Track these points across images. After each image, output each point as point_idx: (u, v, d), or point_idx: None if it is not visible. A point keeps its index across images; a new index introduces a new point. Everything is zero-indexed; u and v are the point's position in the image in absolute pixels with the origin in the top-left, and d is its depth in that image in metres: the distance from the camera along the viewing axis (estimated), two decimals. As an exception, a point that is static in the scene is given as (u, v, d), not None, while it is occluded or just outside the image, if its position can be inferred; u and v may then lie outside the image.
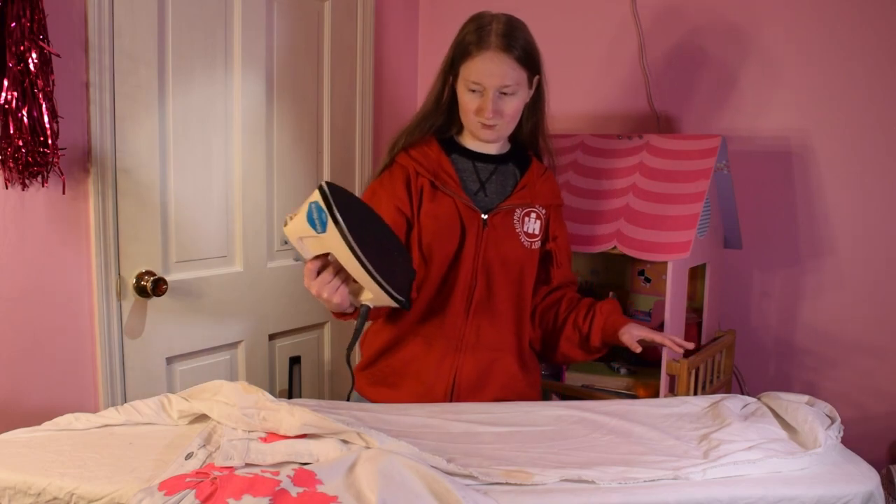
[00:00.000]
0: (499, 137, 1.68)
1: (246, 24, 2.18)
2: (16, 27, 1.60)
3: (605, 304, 1.73)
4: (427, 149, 1.68)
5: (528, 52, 1.60)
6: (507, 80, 1.58)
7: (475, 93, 1.60)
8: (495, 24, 1.58)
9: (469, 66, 1.58)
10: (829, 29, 2.03)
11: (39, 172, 1.72)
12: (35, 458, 1.30)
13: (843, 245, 2.06)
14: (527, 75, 1.61)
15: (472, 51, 1.57)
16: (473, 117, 1.63)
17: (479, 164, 1.70)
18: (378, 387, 1.72)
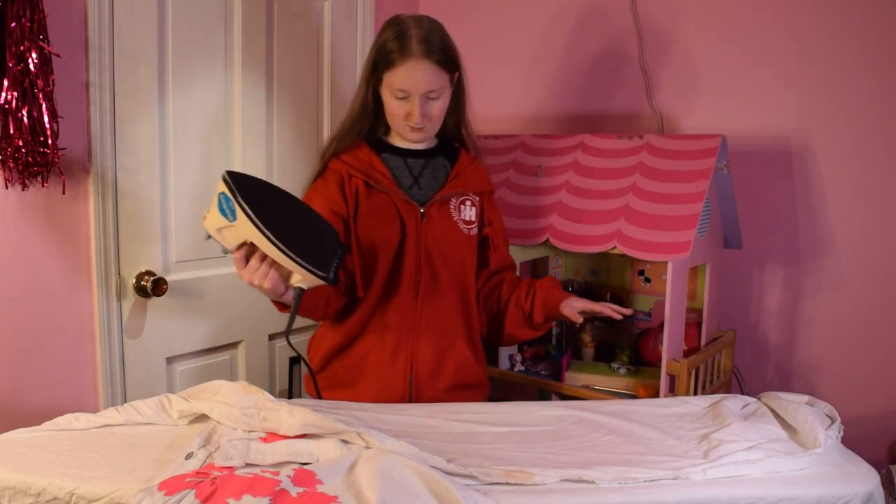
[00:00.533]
0: (426, 138, 1.74)
1: (246, 24, 2.18)
2: (16, 27, 1.60)
3: (545, 281, 1.78)
4: (357, 152, 1.72)
5: (448, 53, 1.65)
6: (432, 86, 1.62)
7: (402, 99, 1.64)
8: (414, 29, 1.61)
9: (393, 75, 1.62)
10: (829, 29, 2.03)
11: (39, 172, 1.72)
12: (35, 458, 1.30)
13: (843, 245, 2.06)
14: (448, 77, 1.66)
15: (394, 59, 1.61)
16: (401, 122, 1.67)
17: (410, 160, 1.75)
18: (332, 390, 1.74)
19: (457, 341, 1.75)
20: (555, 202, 2.04)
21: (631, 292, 2.25)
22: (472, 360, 1.78)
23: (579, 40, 2.45)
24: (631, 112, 2.37)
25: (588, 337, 2.15)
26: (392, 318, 1.69)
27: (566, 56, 2.48)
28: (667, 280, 1.82)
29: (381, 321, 1.70)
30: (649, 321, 2.21)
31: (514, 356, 2.13)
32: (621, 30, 2.36)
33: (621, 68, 2.37)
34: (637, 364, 2.07)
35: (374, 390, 1.69)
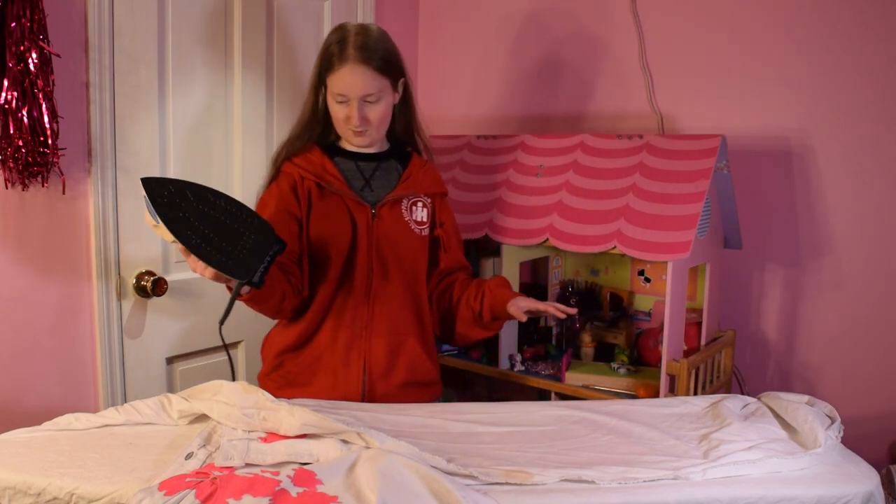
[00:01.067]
0: (371, 142, 1.76)
1: (246, 24, 2.18)
2: (16, 27, 1.60)
3: (494, 281, 1.83)
4: (310, 155, 1.76)
5: (388, 59, 1.69)
6: (369, 90, 1.66)
7: (342, 103, 1.69)
8: (353, 36, 1.66)
9: (333, 79, 1.67)
10: (828, 29, 2.03)
11: (39, 172, 1.72)
12: (35, 458, 1.30)
13: (843, 245, 2.06)
14: (389, 81, 1.70)
15: (334, 63, 1.66)
16: (344, 125, 1.72)
17: (362, 163, 1.78)
18: (286, 389, 1.75)
19: (409, 339, 1.77)
20: (555, 202, 2.04)
21: (631, 292, 2.25)
22: (424, 358, 1.80)
23: (579, 40, 2.45)
24: (631, 112, 2.37)
25: (588, 337, 2.15)
26: (345, 317, 1.72)
27: (566, 56, 2.48)
28: (667, 280, 1.82)
29: (335, 320, 1.72)
30: (649, 321, 2.21)
31: (513, 356, 2.13)
32: (621, 30, 2.36)
33: (621, 68, 2.37)
34: (637, 364, 2.07)
35: (328, 388, 1.71)
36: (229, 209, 1.39)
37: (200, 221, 1.35)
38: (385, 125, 1.75)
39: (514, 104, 2.61)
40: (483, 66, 2.67)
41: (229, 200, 1.40)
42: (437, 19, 2.77)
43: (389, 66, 1.69)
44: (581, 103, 2.47)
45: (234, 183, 2.21)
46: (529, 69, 2.57)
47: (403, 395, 1.73)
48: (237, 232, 1.39)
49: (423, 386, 1.81)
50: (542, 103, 2.55)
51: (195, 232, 1.35)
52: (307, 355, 1.74)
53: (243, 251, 1.39)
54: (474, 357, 2.22)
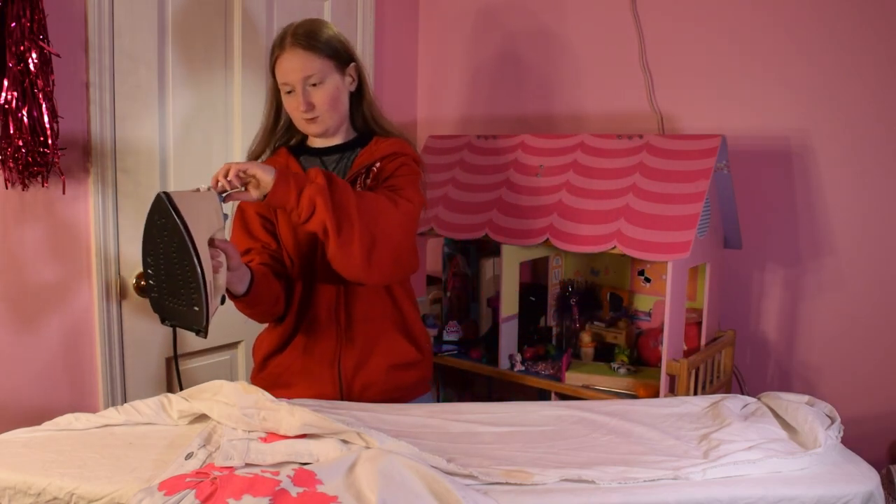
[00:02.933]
0: (325, 128, 1.71)
1: (246, 23, 2.18)
2: (16, 27, 1.60)
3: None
4: (275, 157, 1.75)
5: (327, 42, 1.67)
6: (308, 72, 1.64)
7: (290, 94, 1.67)
8: (292, 27, 1.67)
9: (277, 71, 1.67)
10: (829, 29, 2.03)
11: (39, 172, 1.72)
12: (35, 458, 1.30)
13: (843, 245, 2.06)
14: (332, 63, 1.67)
15: (275, 53, 1.67)
16: (298, 117, 1.70)
17: (326, 157, 1.76)
18: (272, 390, 1.73)
19: (385, 324, 1.75)
20: (555, 202, 2.04)
21: (631, 292, 2.25)
22: (401, 341, 1.76)
23: (579, 40, 2.45)
24: (631, 112, 2.37)
25: (588, 337, 2.15)
26: (318, 313, 1.71)
27: (566, 56, 2.48)
28: (667, 280, 1.82)
29: (309, 318, 1.72)
30: (649, 321, 2.21)
31: (513, 356, 2.13)
32: (621, 30, 2.36)
33: (621, 68, 2.37)
34: (637, 364, 2.07)
35: (309, 387, 1.71)
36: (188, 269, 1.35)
37: (165, 261, 1.36)
38: (336, 109, 1.70)
39: (514, 104, 2.61)
40: (483, 66, 2.67)
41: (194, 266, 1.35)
42: (437, 19, 2.77)
43: (329, 49, 1.67)
44: (581, 103, 2.47)
45: (234, 183, 2.21)
46: (529, 69, 2.57)
47: (387, 379, 1.73)
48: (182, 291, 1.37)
49: (404, 367, 1.77)
50: (542, 103, 2.55)
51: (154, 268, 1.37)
52: (287, 356, 1.75)
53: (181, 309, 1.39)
54: (474, 357, 2.22)
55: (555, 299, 2.29)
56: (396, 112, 2.75)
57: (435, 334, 2.30)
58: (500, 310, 2.10)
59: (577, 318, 2.21)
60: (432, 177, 2.31)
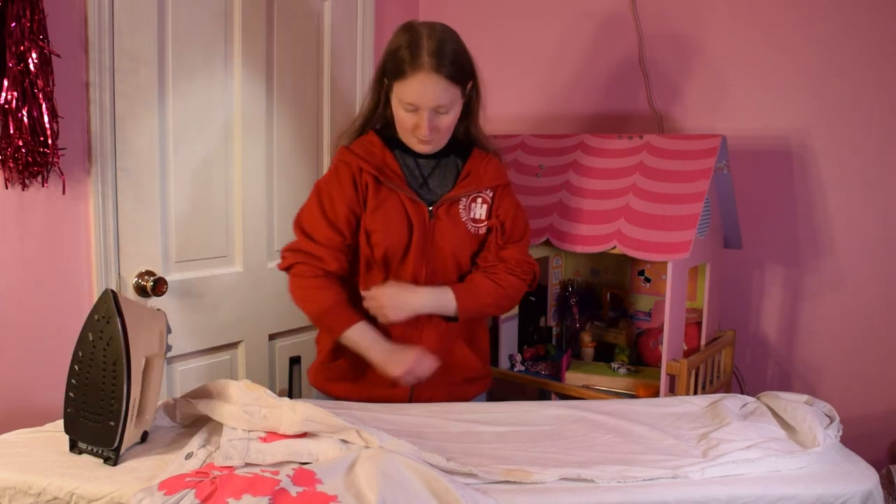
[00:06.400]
0: (434, 150, 1.68)
1: (246, 24, 2.18)
2: (16, 27, 1.60)
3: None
4: (370, 145, 1.68)
5: (460, 65, 1.58)
6: (442, 101, 1.57)
7: (410, 112, 1.59)
8: (426, 40, 1.55)
9: (402, 87, 1.57)
10: (829, 29, 2.03)
11: (39, 172, 1.72)
12: (35, 458, 1.30)
13: (843, 245, 2.06)
14: (460, 90, 1.61)
15: (405, 70, 1.55)
16: (409, 133, 1.63)
17: (421, 160, 1.71)
18: (338, 382, 1.75)
19: (455, 337, 1.74)
20: (555, 202, 2.05)
21: (631, 292, 2.25)
22: (469, 356, 1.77)
23: (579, 40, 2.46)
24: (631, 112, 2.37)
25: (588, 337, 2.15)
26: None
27: (566, 56, 2.48)
28: (667, 280, 1.82)
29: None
30: (649, 321, 2.21)
31: (514, 356, 2.13)
32: (621, 30, 2.36)
33: (621, 68, 2.37)
34: (637, 364, 2.07)
35: (379, 384, 1.67)
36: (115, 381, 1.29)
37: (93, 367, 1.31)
38: (451, 132, 1.67)
39: (515, 104, 2.62)
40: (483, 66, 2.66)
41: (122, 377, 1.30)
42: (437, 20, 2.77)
43: (461, 73, 1.58)
44: (581, 103, 2.47)
45: (234, 183, 2.21)
46: (529, 69, 2.57)
47: (450, 393, 1.73)
48: (101, 404, 1.30)
49: (470, 382, 1.80)
50: (542, 103, 2.55)
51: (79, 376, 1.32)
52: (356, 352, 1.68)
53: (95, 426, 1.31)
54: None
55: (555, 299, 2.29)
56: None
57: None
58: (500, 310, 2.09)
59: (577, 318, 2.21)
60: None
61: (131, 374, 1.29)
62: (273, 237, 2.34)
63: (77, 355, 1.32)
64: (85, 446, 1.32)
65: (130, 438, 1.33)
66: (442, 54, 1.55)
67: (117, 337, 1.28)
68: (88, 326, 1.31)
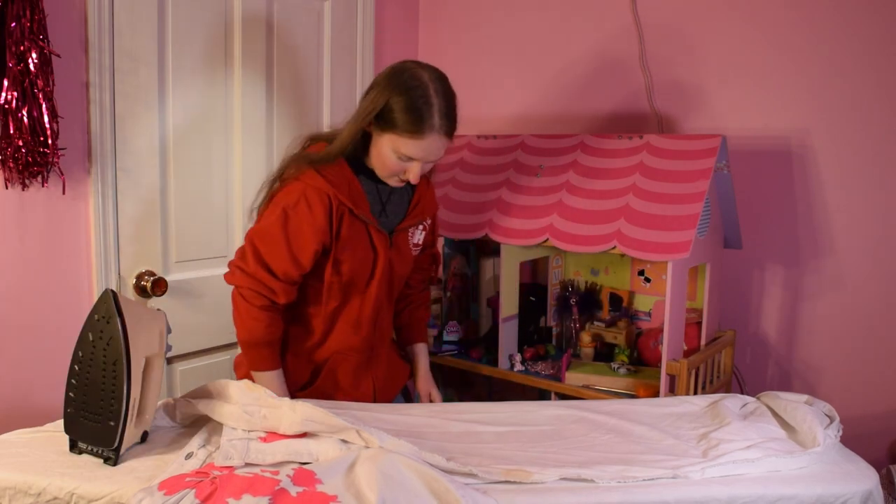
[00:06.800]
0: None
1: (246, 24, 2.18)
2: (16, 27, 1.60)
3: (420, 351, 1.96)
4: (340, 171, 1.62)
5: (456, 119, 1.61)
6: (439, 155, 1.62)
7: (401, 160, 1.59)
8: (436, 99, 1.54)
9: (407, 144, 1.55)
10: (828, 29, 2.03)
11: (39, 172, 1.72)
12: (36, 458, 1.30)
13: (843, 245, 2.06)
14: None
15: (414, 130, 1.53)
16: (390, 174, 1.63)
17: (381, 186, 1.70)
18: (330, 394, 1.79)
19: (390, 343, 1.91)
20: (555, 202, 2.05)
21: (631, 292, 2.25)
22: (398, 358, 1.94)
23: (580, 40, 2.46)
24: (631, 112, 2.37)
25: (588, 337, 2.15)
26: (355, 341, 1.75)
27: (566, 56, 2.48)
28: (667, 280, 1.82)
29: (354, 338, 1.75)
30: (649, 321, 2.21)
31: (513, 356, 2.13)
32: (621, 30, 2.36)
33: (621, 68, 2.37)
34: (637, 364, 2.07)
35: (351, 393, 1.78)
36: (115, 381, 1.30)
37: (93, 368, 1.31)
38: None
39: (515, 104, 2.62)
40: (483, 67, 2.67)
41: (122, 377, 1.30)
42: (437, 20, 2.77)
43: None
44: (581, 103, 2.47)
45: (234, 183, 2.21)
46: (529, 69, 2.57)
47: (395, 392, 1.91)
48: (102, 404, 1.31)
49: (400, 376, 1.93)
50: (542, 103, 2.55)
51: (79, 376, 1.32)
52: (323, 380, 1.75)
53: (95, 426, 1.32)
54: (474, 357, 2.22)
55: (555, 299, 2.29)
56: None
57: (435, 334, 2.30)
58: (500, 310, 2.10)
59: (577, 318, 2.21)
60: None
61: (131, 374, 1.29)
62: (273, 237, 2.34)
63: (77, 355, 1.32)
64: (85, 446, 1.32)
65: (130, 438, 1.33)
66: (450, 116, 1.57)
67: (117, 337, 1.28)
68: (88, 326, 1.31)
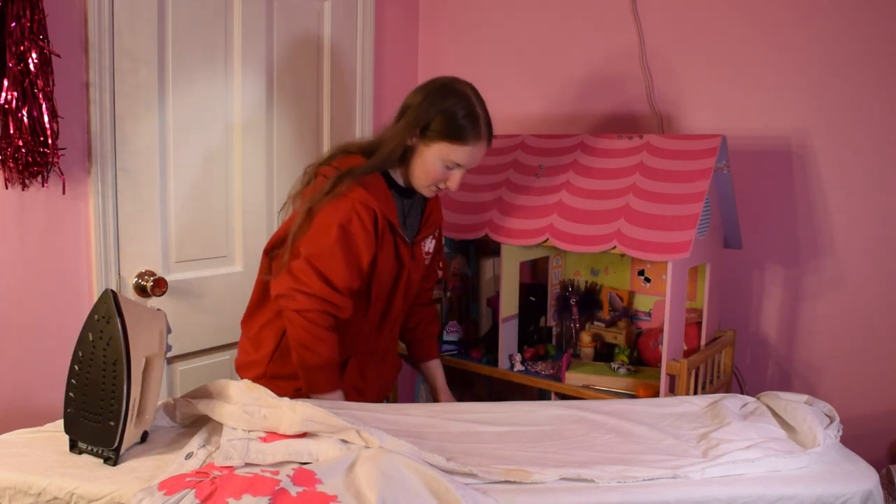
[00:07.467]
0: None
1: (246, 24, 2.19)
2: (16, 27, 1.60)
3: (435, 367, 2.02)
4: (380, 185, 1.70)
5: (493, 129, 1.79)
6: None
7: (449, 168, 1.71)
8: (479, 109, 1.71)
9: (455, 150, 1.68)
10: (828, 29, 2.03)
11: (39, 172, 1.72)
12: (36, 458, 1.30)
13: (843, 245, 2.06)
14: None
15: (465, 137, 1.68)
16: (431, 183, 1.74)
17: (405, 199, 1.80)
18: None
19: (395, 349, 1.97)
20: (555, 202, 2.05)
21: (631, 292, 2.25)
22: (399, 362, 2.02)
23: (580, 40, 2.46)
24: (631, 112, 2.37)
25: (588, 337, 2.15)
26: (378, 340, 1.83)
27: (566, 56, 2.48)
28: (667, 280, 1.82)
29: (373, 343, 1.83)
30: (649, 321, 2.21)
31: (513, 356, 2.13)
32: (621, 30, 2.36)
33: (621, 68, 2.37)
34: (637, 364, 2.07)
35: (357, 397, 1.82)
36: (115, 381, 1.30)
37: (93, 368, 1.30)
38: None
39: (514, 104, 2.62)
40: (483, 66, 2.67)
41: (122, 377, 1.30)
42: (437, 20, 2.77)
43: None
44: (581, 103, 2.47)
45: (234, 183, 2.21)
46: (529, 69, 2.57)
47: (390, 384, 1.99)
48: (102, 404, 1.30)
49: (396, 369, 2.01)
50: (542, 103, 2.55)
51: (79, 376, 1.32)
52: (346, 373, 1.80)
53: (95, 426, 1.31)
54: (474, 357, 2.22)
55: (555, 299, 2.29)
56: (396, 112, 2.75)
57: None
58: (500, 310, 2.10)
59: (577, 318, 2.21)
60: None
61: (131, 374, 1.29)
62: (273, 237, 2.34)
63: (77, 355, 1.32)
64: (85, 446, 1.32)
65: (130, 438, 1.33)
66: (490, 125, 1.75)
67: (117, 337, 1.28)
68: (88, 326, 1.31)
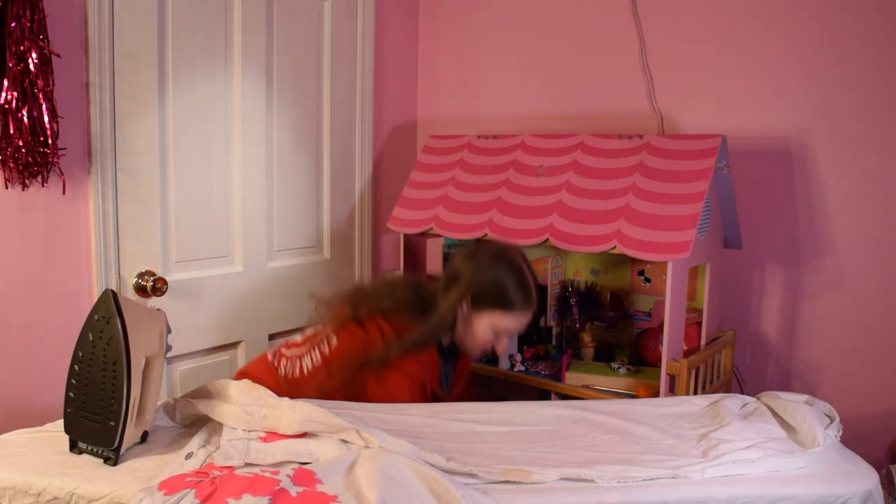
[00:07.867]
0: None
1: (246, 24, 2.18)
2: (16, 27, 1.60)
3: None
4: (431, 359, 1.76)
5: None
6: None
7: (497, 335, 1.77)
8: (530, 278, 1.76)
9: (507, 319, 1.74)
10: (829, 30, 2.03)
11: (39, 172, 1.72)
12: (36, 458, 1.31)
13: (843, 245, 2.06)
14: None
15: (516, 308, 1.74)
16: (480, 347, 1.80)
17: (447, 365, 1.85)
18: None
19: None
20: (555, 202, 2.05)
21: (631, 292, 2.25)
22: None
23: (580, 40, 2.45)
24: (631, 112, 2.37)
25: (588, 337, 2.15)
26: None
27: (566, 56, 2.48)
28: (667, 280, 1.82)
29: None
30: (649, 321, 2.21)
31: (514, 356, 2.14)
32: (621, 30, 2.36)
33: (621, 68, 2.37)
34: (637, 364, 2.07)
35: None
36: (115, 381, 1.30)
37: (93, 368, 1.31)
38: None
39: (514, 104, 2.62)
40: (483, 66, 2.67)
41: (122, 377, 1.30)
42: (437, 19, 2.77)
43: None
44: (581, 103, 2.47)
45: (234, 182, 2.21)
46: (530, 69, 2.57)
47: None
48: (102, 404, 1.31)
49: None
50: (542, 103, 2.55)
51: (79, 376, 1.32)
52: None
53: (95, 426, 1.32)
54: (474, 357, 2.22)
55: (555, 299, 2.29)
56: (396, 112, 2.75)
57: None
58: (500, 310, 2.09)
59: (577, 318, 2.21)
60: (433, 177, 2.31)
61: (131, 374, 1.29)
62: (273, 237, 2.34)
63: (77, 355, 1.32)
64: (85, 446, 1.32)
65: (130, 438, 1.33)
66: (538, 289, 1.80)
67: (117, 337, 1.28)
68: (88, 326, 1.31)
